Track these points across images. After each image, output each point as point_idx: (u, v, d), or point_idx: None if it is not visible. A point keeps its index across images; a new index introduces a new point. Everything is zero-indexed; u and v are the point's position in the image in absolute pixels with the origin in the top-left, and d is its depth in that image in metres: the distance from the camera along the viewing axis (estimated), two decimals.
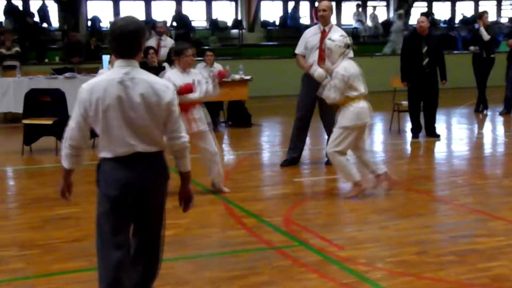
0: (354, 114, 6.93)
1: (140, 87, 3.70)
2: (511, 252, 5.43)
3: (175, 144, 3.87)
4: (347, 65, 6.95)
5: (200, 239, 5.84)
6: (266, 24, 21.91)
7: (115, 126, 3.69)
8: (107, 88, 3.68)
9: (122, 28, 3.70)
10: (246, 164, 9.31)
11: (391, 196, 7.41)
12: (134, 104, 3.68)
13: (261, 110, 14.10)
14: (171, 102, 3.78)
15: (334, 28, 8.58)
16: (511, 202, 7.00)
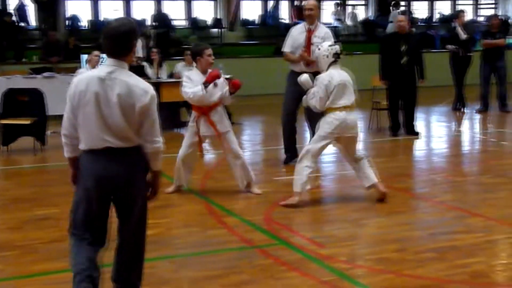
0: (331, 124, 6.71)
1: (118, 87, 3.84)
2: (489, 248, 5.50)
3: (148, 147, 3.99)
4: (334, 74, 6.76)
5: (181, 239, 5.84)
6: (246, 23, 21.90)
7: (91, 120, 3.86)
8: (89, 84, 3.87)
9: (115, 29, 3.89)
10: (226, 163, 9.28)
11: (371, 194, 7.44)
12: (109, 102, 3.84)
13: (242, 109, 14.07)
14: (147, 107, 3.90)
15: (320, 27, 8.65)
16: (489, 199, 7.07)
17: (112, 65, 3.91)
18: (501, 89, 13.66)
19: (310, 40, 8.50)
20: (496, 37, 13.49)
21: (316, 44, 8.47)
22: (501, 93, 13.67)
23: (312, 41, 8.48)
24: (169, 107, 12.10)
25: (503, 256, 5.47)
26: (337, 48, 6.87)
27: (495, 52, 13.47)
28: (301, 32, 8.62)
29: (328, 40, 8.51)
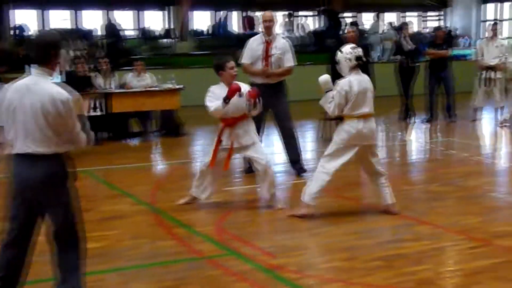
0: (348, 133, 6.60)
1: (36, 96, 4.04)
2: (436, 256, 5.58)
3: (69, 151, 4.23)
4: (354, 80, 6.56)
5: (130, 251, 5.77)
6: (197, 33, 21.89)
7: (14, 126, 4.08)
8: (16, 91, 4.10)
9: (39, 38, 4.23)
10: (178, 174, 9.27)
11: (321, 203, 7.48)
12: (27, 109, 4.04)
13: (194, 119, 14.03)
14: (64, 115, 4.05)
15: (278, 38, 8.68)
16: (436, 207, 7.18)
17: (36, 73, 4.11)
18: (447, 99, 13.93)
19: (268, 51, 8.50)
20: (441, 48, 13.76)
21: (274, 55, 8.52)
22: (447, 103, 13.94)
23: (271, 53, 8.48)
24: (119, 118, 12.00)
25: (449, 263, 5.56)
26: (360, 51, 6.67)
27: (440, 63, 13.73)
28: (259, 43, 8.59)
29: (288, 51, 8.57)
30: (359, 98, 6.58)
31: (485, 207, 7.12)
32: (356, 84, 6.57)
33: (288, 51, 8.59)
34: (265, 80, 8.43)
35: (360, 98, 6.59)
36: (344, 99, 6.55)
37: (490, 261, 5.39)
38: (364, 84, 6.66)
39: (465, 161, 9.88)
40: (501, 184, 8.56)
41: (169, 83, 12.47)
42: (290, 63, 8.60)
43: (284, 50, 8.55)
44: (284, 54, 8.55)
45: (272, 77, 8.48)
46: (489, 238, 6.00)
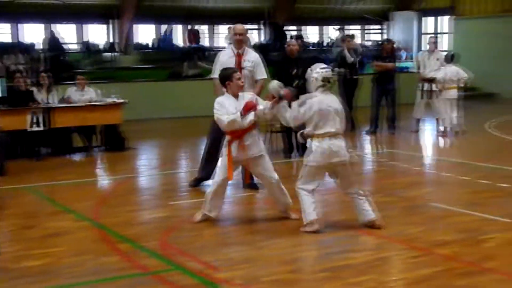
0: (315, 152, 6.62)
1: None
2: (381, 265, 5.66)
3: None
4: (317, 100, 6.59)
5: (73, 267, 5.66)
6: (140, 47, 21.76)
7: None
8: None
9: None
10: (122, 188, 9.16)
11: (266, 216, 7.51)
12: None
13: (137, 134, 13.92)
14: None
15: (249, 51, 8.62)
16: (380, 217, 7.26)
17: None
18: (390, 111, 14.17)
19: (241, 64, 8.41)
20: (387, 61, 14.01)
21: (246, 68, 8.48)
22: (390, 115, 14.18)
23: (243, 66, 8.42)
24: (61, 133, 11.81)
25: (393, 272, 5.63)
26: (328, 73, 6.69)
27: (386, 75, 13.98)
28: (230, 56, 8.47)
29: (259, 64, 8.55)
30: (322, 116, 6.58)
31: (426, 217, 7.25)
32: (317, 103, 6.58)
33: (260, 64, 8.57)
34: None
35: (323, 116, 6.58)
36: (302, 114, 6.60)
37: (431, 270, 5.49)
38: (329, 102, 6.65)
39: (407, 171, 10.06)
40: (442, 194, 8.72)
41: (112, 97, 12.34)
42: (262, 76, 8.59)
43: (256, 63, 8.54)
44: (256, 67, 8.52)
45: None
46: (430, 247, 6.11)
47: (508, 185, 8.60)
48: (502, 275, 5.40)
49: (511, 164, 9.88)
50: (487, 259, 5.82)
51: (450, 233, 6.59)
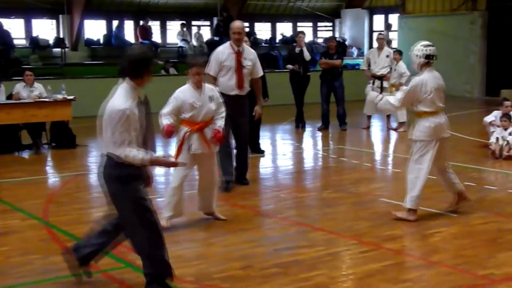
0: (429, 128, 6.82)
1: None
2: (330, 261, 5.73)
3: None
4: (427, 78, 6.80)
5: (21, 267, 5.59)
6: (90, 42, 21.48)
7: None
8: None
9: None
10: (71, 186, 9.05)
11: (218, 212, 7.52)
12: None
13: (87, 131, 13.72)
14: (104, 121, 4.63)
15: (247, 48, 8.55)
16: (329, 213, 7.36)
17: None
18: (339, 108, 14.32)
19: (241, 62, 8.35)
20: (333, 58, 14.14)
21: (247, 67, 8.40)
22: (339, 111, 14.32)
23: (243, 64, 8.37)
24: (8, 130, 11.59)
25: (343, 267, 5.71)
26: (431, 50, 6.84)
27: (332, 72, 14.12)
28: (228, 54, 8.34)
29: (257, 62, 8.52)
30: (434, 94, 6.82)
31: (375, 212, 7.36)
32: (431, 80, 6.83)
33: (258, 61, 8.58)
34: (237, 92, 8.36)
35: (435, 94, 6.84)
36: (412, 94, 6.82)
37: (380, 264, 5.59)
38: (437, 80, 6.91)
39: (357, 167, 10.18)
40: (390, 190, 8.86)
41: (60, 94, 12.15)
42: (260, 73, 8.65)
43: (254, 61, 8.52)
44: (254, 65, 8.52)
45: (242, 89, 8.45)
46: (379, 242, 6.21)
47: None
48: (447, 268, 5.53)
49: (457, 160, 10.07)
50: (434, 253, 5.96)
51: (399, 228, 6.71)
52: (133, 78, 4.70)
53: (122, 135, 4.60)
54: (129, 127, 4.59)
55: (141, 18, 21.93)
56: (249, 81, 8.57)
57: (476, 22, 21.25)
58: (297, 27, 25.32)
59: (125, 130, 4.60)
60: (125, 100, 4.62)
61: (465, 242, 6.28)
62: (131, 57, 4.70)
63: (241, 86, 8.41)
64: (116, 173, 4.71)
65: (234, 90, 8.36)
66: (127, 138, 4.60)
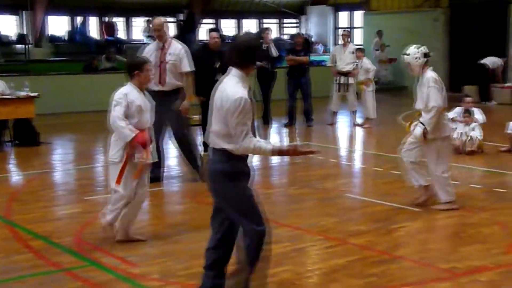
0: (448, 124, 7.10)
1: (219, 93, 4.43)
2: (296, 257, 5.74)
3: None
4: (434, 75, 7.00)
5: None
6: (53, 39, 21.22)
7: None
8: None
9: None
10: (35, 184, 8.93)
11: (183, 210, 7.51)
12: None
13: (50, 128, 13.60)
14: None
15: (173, 44, 8.49)
16: (295, 209, 7.39)
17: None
18: (305, 104, 14.36)
19: (162, 57, 8.34)
20: (300, 55, 14.17)
21: (169, 62, 8.35)
22: (305, 108, 14.37)
23: (166, 59, 8.33)
24: None
25: (308, 263, 5.73)
26: (425, 49, 7.00)
27: (299, 68, 14.15)
28: (153, 50, 8.40)
29: (184, 57, 8.45)
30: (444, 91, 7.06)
31: (341, 208, 7.41)
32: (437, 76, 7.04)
33: (184, 56, 8.47)
34: (160, 87, 8.30)
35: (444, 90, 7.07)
36: (441, 88, 6.97)
37: (346, 259, 5.63)
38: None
39: (323, 164, 10.22)
40: (356, 185, 8.94)
41: (23, 91, 11.98)
42: (188, 68, 8.51)
43: (180, 56, 8.44)
44: (181, 60, 8.44)
45: (163, 84, 8.36)
46: (345, 238, 6.25)
47: None
48: (411, 262, 5.59)
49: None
50: (398, 247, 6.02)
51: (364, 223, 6.76)
52: (242, 67, 4.47)
53: (242, 125, 4.31)
54: (246, 116, 4.32)
55: (105, 14, 21.74)
56: (177, 77, 8.48)
57: (439, 19, 21.51)
58: (262, 24, 25.35)
59: (244, 119, 4.31)
60: (240, 89, 4.38)
61: (428, 236, 6.36)
62: (240, 46, 4.51)
63: (163, 81, 8.37)
64: (228, 169, 4.41)
65: (157, 86, 8.31)
66: (246, 128, 4.33)
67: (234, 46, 4.56)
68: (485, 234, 6.39)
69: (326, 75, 15.76)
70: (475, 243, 6.10)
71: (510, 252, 5.87)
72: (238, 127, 4.31)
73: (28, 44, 20.17)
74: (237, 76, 4.45)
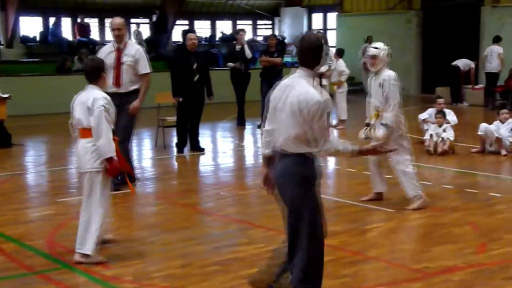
0: (401, 122, 7.27)
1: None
2: None
3: None
4: (395, 73, 7.20)
5: None
6: (25, 40, 21.02)
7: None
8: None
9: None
10: (7, 186, 8.84)
11: (157, 211, 7.49)
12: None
13: (23, 130, 13.48)
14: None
15: (130, 45, 8.41)
16: (269, 210, 7.35)
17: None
18: None
19: (120, 59, 8.20)
20: (274, 56, 14.20)
21: (126, 63, 8.28)
22: None
23: (122, 60, 8.21)
24: None
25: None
26: (390, 50, 7.31)
27: (273, 70, 14.16)
28: (110, 51, 8.23)
29: (141, 58, 8.33)
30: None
31: None
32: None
33: (142, 58, 8.34)
34: (115, 89, 8.13)
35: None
36: (398, 87, 7.21)
37: None
38: None
39: None
40: (330, 186, 8.98)
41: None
42: (145, 70, 8.36)
43: (138, 57, 8.31)
44: (138, 62, 8.30)
45: (119, 87, 8.23)
46: None
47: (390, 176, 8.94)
48: (384, 263, 5.64)
49: None
50: (371, 248, 6.06)
51: (339, 224, 6.79)
52: (313, 66, 4.38)
53: (323, 129, 4.22)
54: (326, 119, 4.24)
55: (78, 15, 21.59)
56: (134, 79, 8.32)
57: (412, 21, 21.70)
58: (236, 25, 25.36)
59: (325, 122, 4.22)
60: (316, 91, 4.26)
61: (401, 236, 6.42)
62: (313, 45, 4.38)
63: (118, 83, 8.20)
64: (306, 174, 4.30)
65: (112, 88, 8.09)
66: (327, 131, 4.24)
67: (308, 46, 4.38)
68: (457, 234, 6.46)
69: None
70: (446, 243, 6.17)
71: (482, 252, 5.94)
72: (320, 130, 4.22)
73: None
74: (308, 77, 4.36)
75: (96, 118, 5.52)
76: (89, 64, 5.85)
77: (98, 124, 5.52)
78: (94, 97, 5.60)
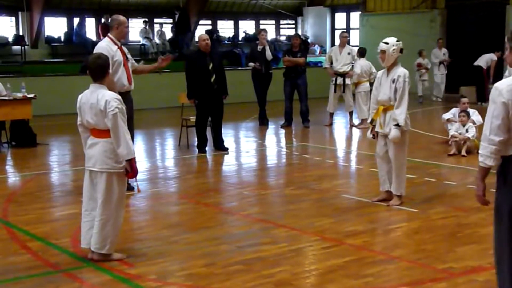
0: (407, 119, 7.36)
1: None
2: (292, 257, 5.75)
3: None
4: (406, 71, 7.30)
5: None
6: (50, 40, 21.22)
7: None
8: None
9: None
10: (32, 186, 8.93)
11: (180, 211, 7.52)
12: None
13: (47, 129, 13.62)
14: None
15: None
16: (292, 210, 7.40)
17: None
18: (302, 105, 14.37)
19: (124, 56, 8.09)
20: (297, 56, 14.19)
21: (130, 60, 8.26)
22: (302, 109, 14.38)
23: (128, 57, 8.19)
24: None
25: (305, 263, 5.74)
26: (402, 45, 7.39)
27: (296, 70, 14.16)
28: (113, 50, 7.89)
29: (128, 54, 8.38)
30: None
31: (337, 209, 7.42)
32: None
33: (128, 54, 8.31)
34: (128, 87, 7.99)
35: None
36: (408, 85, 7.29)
37: (342, 260, 5.64)
38: None
39: (319, 164, 10.25)
40: (352, 186, 8.95)
41: (20, 92, 11.99)
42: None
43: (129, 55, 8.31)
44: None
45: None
46: (341, 238, 6.27)
47: (414, 176, 8.91)
48: (408, 263, 5.61)
49: (417, 155, 10.23)
50: (395, 248, 6.03)
51: (361, 224, 6.77)
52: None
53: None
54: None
55: (102, 15, 21.74)
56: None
57: (435, 20, 21.55)
58: (259, 25, 25.37)
59: None
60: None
61: (425, 236, 6.37)
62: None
63: (130, 80, 8.04)
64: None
65: (126, 86, 7.97)
66: None
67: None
68: (482, 234, 6.40)
69: (323, 76, 15.79)
70: (471, 243, 6.12)
71: None
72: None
73: (24, 45, 20.18)
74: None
75: (112, 121, 5.35)
76: (95, 62, 5.55)
77: (116, 127, 5.35)
78: (106, 99, 5.38)
